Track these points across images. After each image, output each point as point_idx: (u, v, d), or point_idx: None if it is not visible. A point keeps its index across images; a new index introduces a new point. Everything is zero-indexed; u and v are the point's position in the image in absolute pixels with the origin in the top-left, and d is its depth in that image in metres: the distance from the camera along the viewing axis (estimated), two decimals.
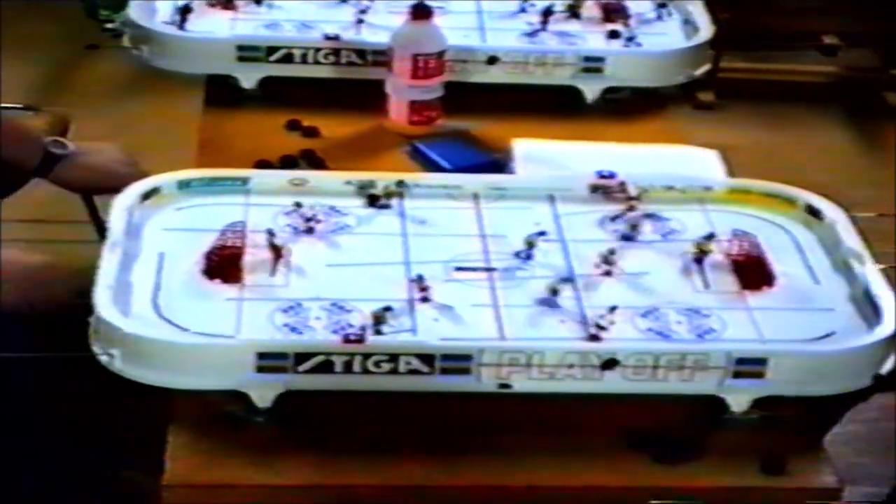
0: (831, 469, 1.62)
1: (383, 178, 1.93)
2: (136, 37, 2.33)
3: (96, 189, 2.11)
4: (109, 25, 2.39)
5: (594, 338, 1.64)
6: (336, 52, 2.28)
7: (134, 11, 2.34)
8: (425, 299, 1.70)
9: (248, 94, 2.30)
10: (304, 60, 2.28)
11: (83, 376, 1.64)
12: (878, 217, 1.97)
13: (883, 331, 1.66)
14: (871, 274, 1.76)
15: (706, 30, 2.42)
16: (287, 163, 2.10)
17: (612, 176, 1.96)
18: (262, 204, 1.87)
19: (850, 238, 1.84)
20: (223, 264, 1.73)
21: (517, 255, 1.79)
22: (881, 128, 4.32)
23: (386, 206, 1.89)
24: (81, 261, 1.88)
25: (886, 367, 1.67)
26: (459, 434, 1.62)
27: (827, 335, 1.69)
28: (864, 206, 1.97)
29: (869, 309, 1.72)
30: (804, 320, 1.72)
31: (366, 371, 1.59)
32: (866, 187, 3.64)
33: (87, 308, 1.62)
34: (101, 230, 2.05)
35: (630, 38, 2.40)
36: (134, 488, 1.92)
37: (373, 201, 1.89)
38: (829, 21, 4.33)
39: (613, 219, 1.90)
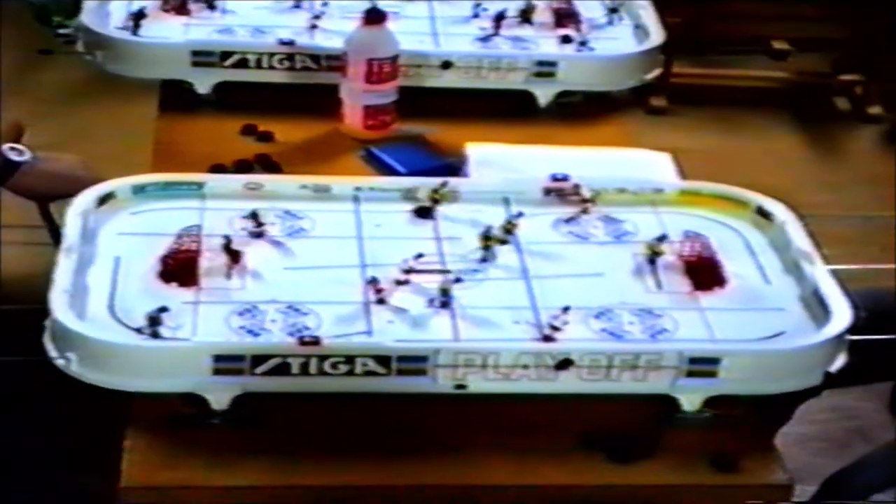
0: (782, 467, 1.64)
1: (339, 182, 1.94)
2: (90, 42, 2.32)
3: (57, 196, 2.10)
4: (62, 31, 2.38)
5: (548, 338, 1.66)
6: (290, 56, 2.29)
7: (87, 17, 2.33)
8: (381, 301, 1.71)
9: (202, 98, 2.30)
10: (258, 65, 2.29)
11: (40, 380, 1.64)
12: (828, 218, 1.99)
13: (832, 330, 1.69)
14: (821, 274, 1.78)
15: (657, 35, 2.44)
16: (242, 167, 2.10)
17: (565, 179, 1.98)
18: (217, 208, 1.88)
19: (799, 239, 1.86)
20: (179, 268, 1.74)
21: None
22: (830, 132, 4.37)
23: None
24: (36, 265, 1.87)
25: (836, 366, 1.69)
26: (416, 434, 1.64)
27: (777, 334, 1.71)
28: (813, 209, 1.99)
29: (818, 308, 1.74)
30: (755, 320, 1.74)
31: (322, 373, 1.60)
32: (816, 190, 3.69)
33: (43, 312, 1.63)
34: (56, 235, 2.05)
35: (582, 43, 2.41)
36: (90, 492, 1.92)
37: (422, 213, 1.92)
38: (779, 26, 4.37)
39: (567, 221, 1.92)
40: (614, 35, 2.47)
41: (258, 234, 1.82)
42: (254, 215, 1.83)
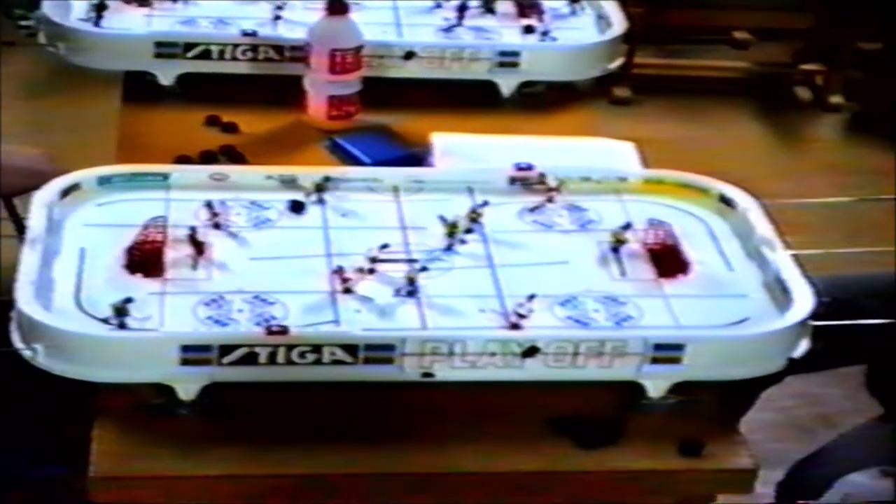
0: (747, 452, 1.65)
1: (304, 173, 1.94)
2: (52, 34, 2.31)
3: (20, 190, 2.10)
4: (24, 23, 2.37)
5: (514, 326, 1.67)
6: (254, 47, 2.29)
7: (49, 8, 2.32)
8: (347, 290, 1.71)
9: (166, 90, 2.29)
10: (221, 56, 2.29)
11: (6, 371, 1.63)
12: (790, 206, 2.00)
13: (794, 315, 1.70)
14: (783, 260, 1.80)
15: (619, 24, 2.45)
16: (207, 158, 2.10)
17: (529, 168, 1.98)
18: (183, 199, 1.88)
19: (762, 226, 1.88)
20: (145, 259, 1.74)
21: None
22: (792, 121, 4.39)
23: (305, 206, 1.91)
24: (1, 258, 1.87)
25: (799, 351, 1.70)
26: (384, 423, 1.64)
27: (741, 321, 1.73)
28: (775, 196, 2.00)
29: (781, 294, 1.76)
30: (719, 306, 1.76)
31: (290, 362, 1.60)
32: (778, 178, 3.70)
33: (8, 303, 1.62)
34: (21, 228, 2.05)
35: (545, 33, 2.42)
36: (59, 484, 1.92)
37: (297, 209, 1.90)
38: (740, 16, 4.39)
39: (532, 210, 1.93)
40: (577, 25, 2.48)
41: (216, 226, 1.82)
42: (209, 205, 1.84)
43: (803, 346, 1.71)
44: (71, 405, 1.67)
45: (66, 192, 1.86)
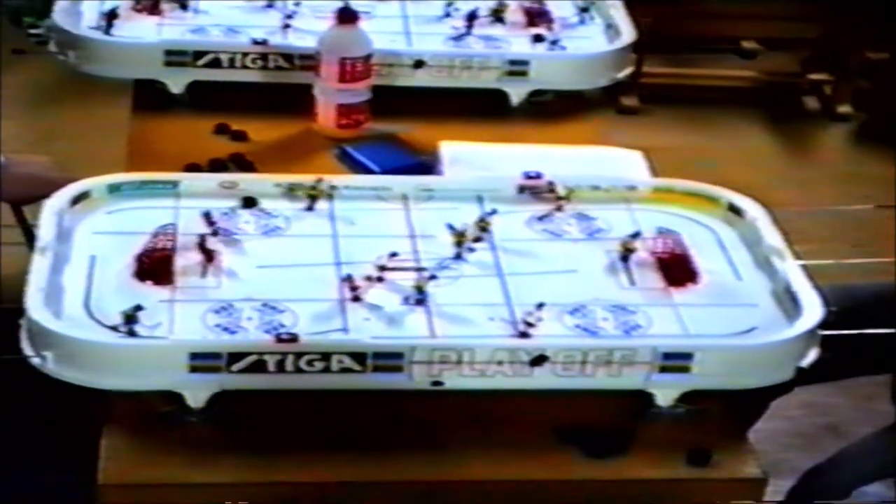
0: (756, 460, 1.65)
1: (312, 181, 1.94)
2: (62, 42, 2.32)
3: (31, 199, 2.10)
4: (35, 31, 2.37)
5: (523, 335, 1.67)
6: (263, 56, 2.29)
7: (59, 17, 2.33)
8: (356, 299, 1.71)
9: (176, 98, 2.30)
10: (231, 65, 2.29)
11: (16, 379, 1.64)
12: (798, 215, 2.00)
13: (803, 325, 1.70)
14: (792, 270, 1.80)
15: (628, 34, 2.45)
16: (216, 166, 2.10)
17: (538, 176, 1.99)
18: (192, 207, 1.88)
19: (770, 235, 1.88)
20: (154, 266, 1.74)
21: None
22: (800, 131, 4.39)
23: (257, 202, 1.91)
24: (9, 265, 1.87)
25: (807, 361, 1.70)
26: (392, 431, 1.64)
27: (750, 330, 1.73)
28: (784, 206, 2.01)
29: (790, 304, 1.76)
30: (728, 316, 1.75)
31: (298, 370, 1.60)
32: (786, 187, 3.71)
33: (18, 311, 1.63)
34: (30, 235, 2.05)
35: (554, 42, 2.43)
36: (66, 491, 1.92)
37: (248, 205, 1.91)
38: (748, 26, 4.40)
39: (541, 218, 1.93)
40: (586, 34, 2.49)
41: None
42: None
43: (812, 356, 1.71)
44: (72, 408, 1.68)
45: (76, 200, 1.87)
